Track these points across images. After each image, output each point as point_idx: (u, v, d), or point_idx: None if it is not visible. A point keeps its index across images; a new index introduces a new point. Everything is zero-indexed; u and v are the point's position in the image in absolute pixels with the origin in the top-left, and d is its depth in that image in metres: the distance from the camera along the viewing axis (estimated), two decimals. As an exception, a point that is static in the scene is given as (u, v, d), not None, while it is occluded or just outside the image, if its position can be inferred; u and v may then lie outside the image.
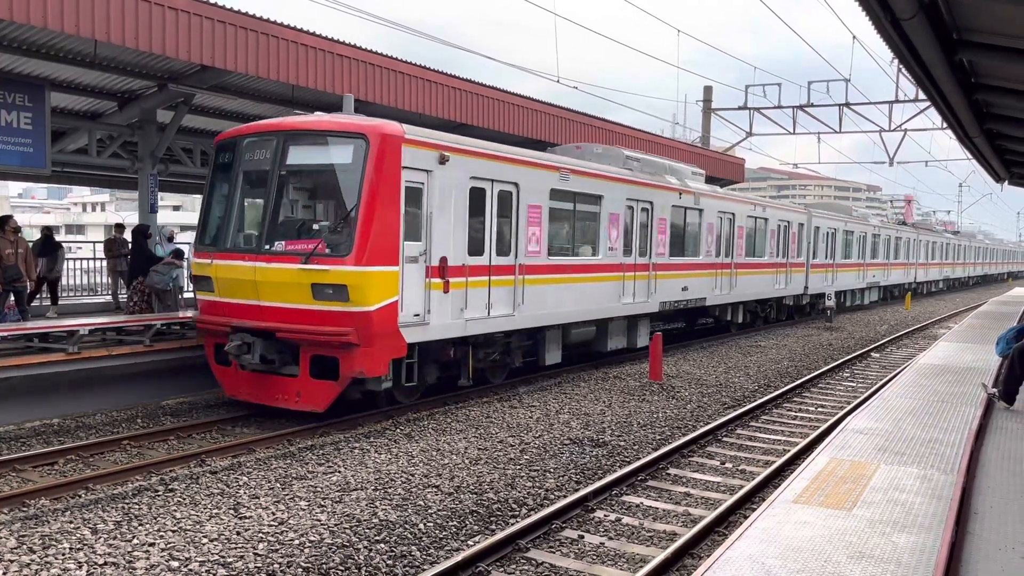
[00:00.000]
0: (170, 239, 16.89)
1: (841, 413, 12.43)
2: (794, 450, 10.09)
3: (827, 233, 29.15)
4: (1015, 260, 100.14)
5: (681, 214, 18.70)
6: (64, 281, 18.02)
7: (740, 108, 30.67)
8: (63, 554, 6.34)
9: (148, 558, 6.32)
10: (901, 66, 9.31)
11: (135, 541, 6.63)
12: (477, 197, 12.34)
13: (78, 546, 6.50)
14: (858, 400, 13.49)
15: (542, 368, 14.85)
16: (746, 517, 7.01)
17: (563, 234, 14.68)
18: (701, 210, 19.50)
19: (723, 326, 22.97)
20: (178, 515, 7.26)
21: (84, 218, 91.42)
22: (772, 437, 11.35)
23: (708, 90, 32.73)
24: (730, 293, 21.58)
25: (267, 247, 10.68)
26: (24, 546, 6.47)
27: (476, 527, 7.43)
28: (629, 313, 16.68)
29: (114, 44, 11.00)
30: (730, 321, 22.86)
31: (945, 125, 13.71)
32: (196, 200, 41.81)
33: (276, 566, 6.28)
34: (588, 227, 15.40)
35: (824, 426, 11.57)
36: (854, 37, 23.37)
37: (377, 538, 6.95)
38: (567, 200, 14.60)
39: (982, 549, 5.28)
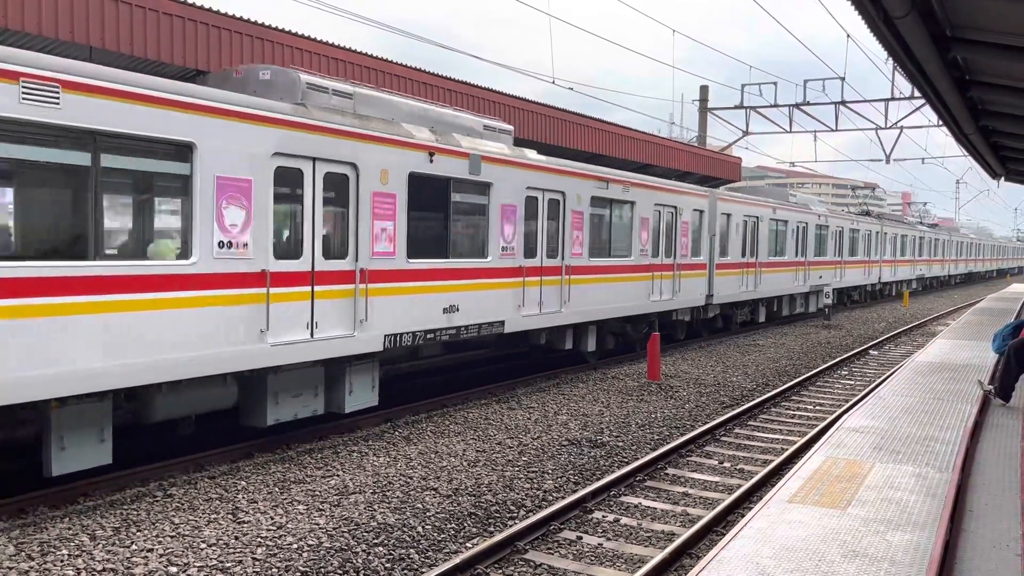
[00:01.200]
0: None
1: (838, 411, 12.46)
2: (791, 449, 10.11)
3: (742, 223, 22.03)
4: (1007, 256, 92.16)
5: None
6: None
7: (736, 107, 30.69)
8: (62, 560, 6.35)
9: (146, 564, 6.33)
10: (895, 64, 9.33)
11: (133, 547, 6.65)
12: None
13: (76, 553, 6.51)
14: (855, 398, 13.51)
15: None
16: (744, 516, 7.02)
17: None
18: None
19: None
20: (176, 520, 7.27)
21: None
22: (770, 436, 11.37)
23: (704, 89, 32.74)
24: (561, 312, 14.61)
25: None
26: (23, 553, 6.48)
27: (474, 529, 7.45)
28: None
29: (109, 51, 11.01)
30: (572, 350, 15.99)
31: (941, 122, 13.73)
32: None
33: (274, 571, 6.29)
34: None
35: (821, 425, 11.59)
36: (848, 35, 23.38)
37: (375, 541, 6.96)
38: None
39: (977, 547, 5.29)
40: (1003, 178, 23.52)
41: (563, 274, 14.30)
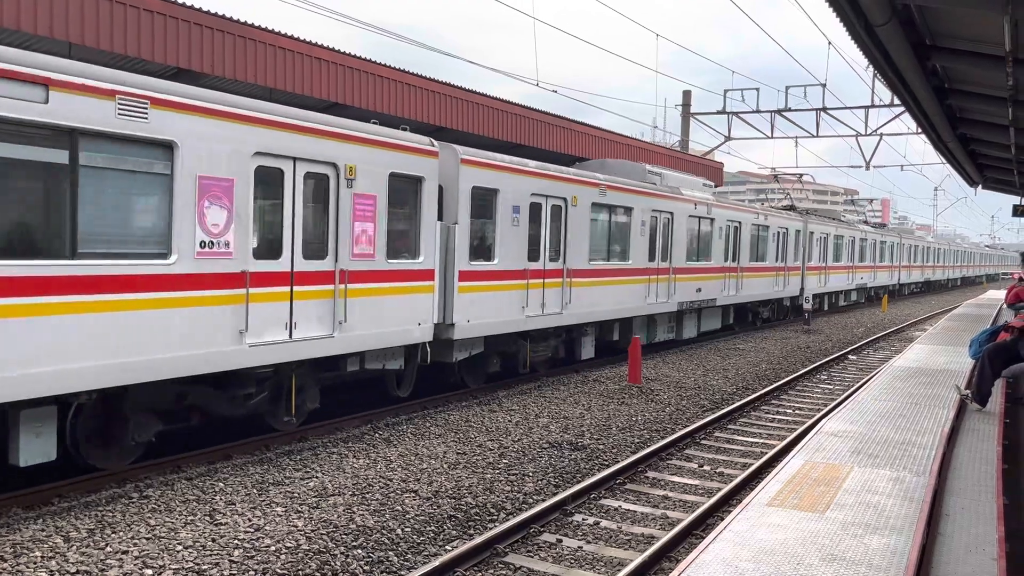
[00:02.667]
0: None
1: (817, 416, 12.54)
2: (771, 453, 10.16)
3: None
4: (972, 263, 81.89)
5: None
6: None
7: (719, 112, 30.86)
8: (35, 562, 6.26)
9: (121, 566, 6.26)
10: (876, 72, 9.42)
11: (108, 549, 6.57)
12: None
13: (50, 554, 6.42)
14: (834, 403, 13.61)
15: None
16: (723, 519, 7.05)
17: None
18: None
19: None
20: (152, 522, 7.19)
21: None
22: (750, 440, 11.43)
23: (687, 94, 32.91)
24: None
25: None
26: (-5, 555, 6.38)
27: (454, 532, 7.43)
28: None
29: (89, 47, 10.90)
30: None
31: (920, 130, 13.88)
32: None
33: (252, 573, 6.24)
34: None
35: (800, 429, 11.66)
36: (829, 43, 23.59)
37: (354, 544, 6.92)
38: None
39: (953, 550, 5.34)
40: (980, 186, 23.83)
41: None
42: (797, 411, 13.56)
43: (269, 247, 9.37)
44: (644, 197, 17.75)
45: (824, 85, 28.36)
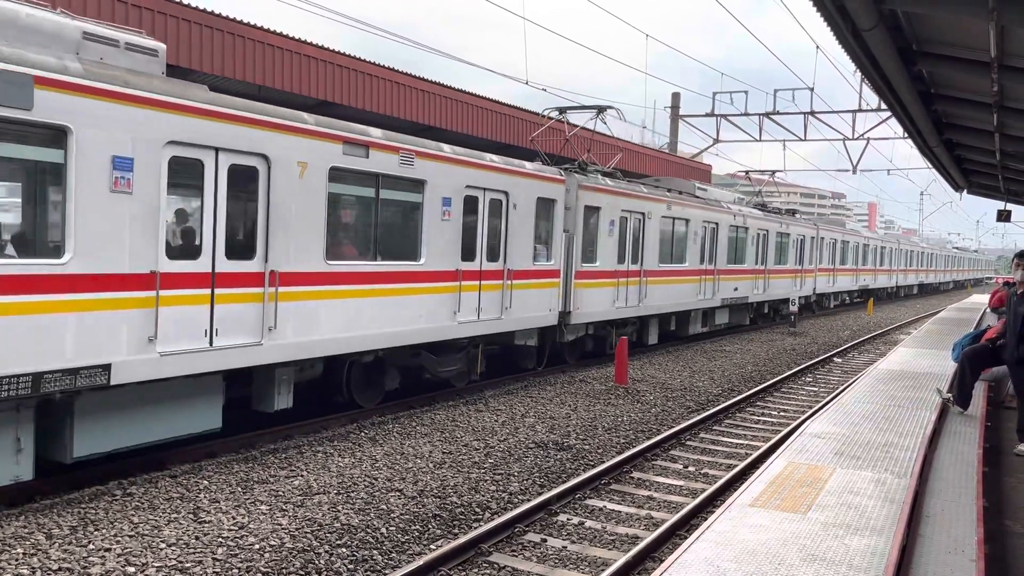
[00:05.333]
0: None
1: (801, 417, 12.60)
2: (755, 454, 10.21)
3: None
4: (937, 267, 67.98)
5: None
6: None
7: (707, 115, 30.98)
8: (16, 559, 6.22)
9: (103, 564, 6.23)
10: (863, 76, 9.48)
11: (91, 546, 6.53)
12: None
13: (32, 551, 6.39)
14: (818, 405, 13.68)
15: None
16: (706, 520, 7.08)
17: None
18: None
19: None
20: (135, 520, 7.16)
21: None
22: (734, 441, 11.48)
23: (676, 96, 33.02)
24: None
25: None
26: (-25, 552, 6.34)
27: (439, 531, 7.43)
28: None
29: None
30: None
31: (906, 134, 13.98)
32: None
33: (235, 571, 6.22)
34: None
35: (784, 431, 11.72)
36: (817, 47, 23.73)
37: (339, 542, 6.92)
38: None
39: (933, 552, 5.38)
40: (965, 190, 24.00)
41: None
42: (782, 413, 13.63)
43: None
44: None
45: (812, 89, 28.53)
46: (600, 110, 17.62)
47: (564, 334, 15.79)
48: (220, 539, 6.80)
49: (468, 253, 12.77)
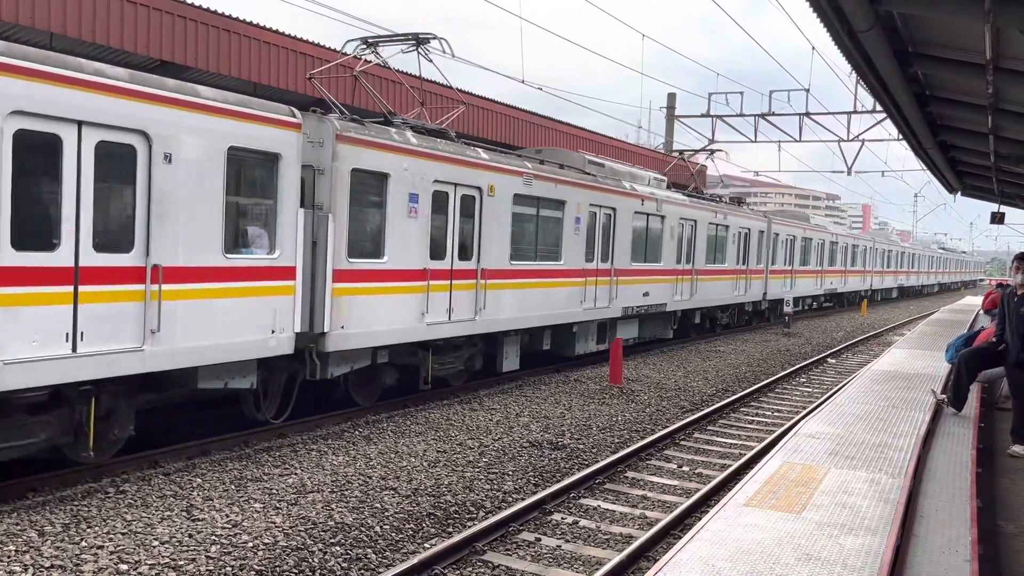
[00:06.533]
0: None
1: (796, 418, 12.63)
2: (749, 454, 10.22)
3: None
4: (923, 269, 62.49)
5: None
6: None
7: (703, 115, 31.01)
8: (8, 556, 6.19)
9: (96, 561, 6.20)
10: (858, 78, 9.50)
11: (83, 544, 6.51)
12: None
13: (24, 548, 6.36)
14: (812, 405, 13.71)
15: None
16: (701, 519, 7.09)
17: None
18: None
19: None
20: (128, 517, 7.14)
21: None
22: (728, 441, 11.49)
23: (672, 97, 33.05)
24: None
25: None
26: (-33, 549, 6.31)
27: (433, 529, 7.42)
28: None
29: (70, 37, 10.80)
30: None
31: (901, 136, 14.01)
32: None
33: (229, 569, 6.20)
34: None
35: (779, 431, 11.74)
36: (813, 48, 23.78)
37: (332, 541, 6.90)
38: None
39: (927, 551, 5.39)
40: (959, 192, 24.09)
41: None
42: (776, 413, 13.65)
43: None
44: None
45: (808, 90, 28.57)
46: (419, 42, 12.51)
47: (321, 367, 10.59)
48: (213, 537, 6.78)
49: (41, 233, 7.49)
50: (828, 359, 20.90)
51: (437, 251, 12.23)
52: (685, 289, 20.95)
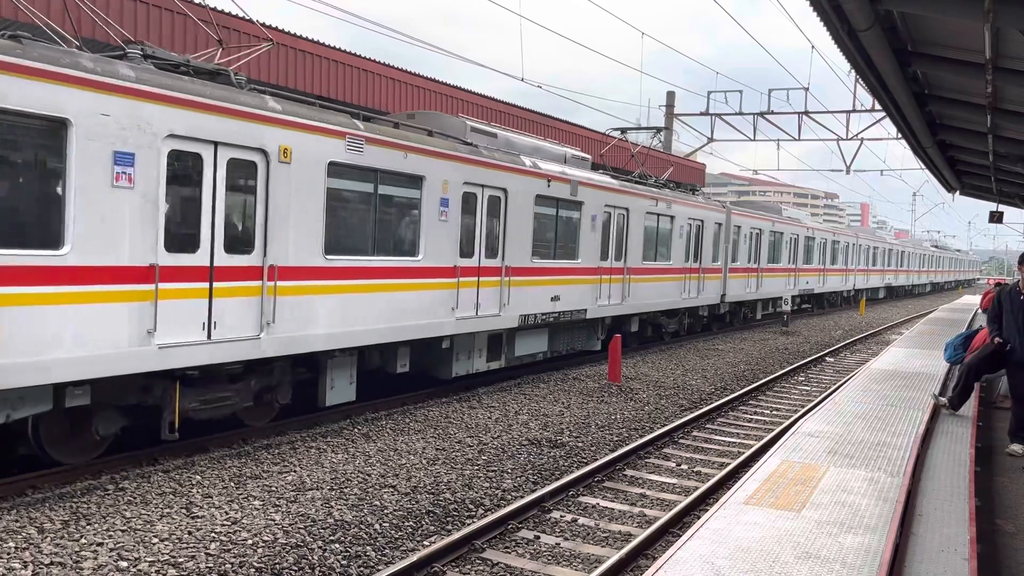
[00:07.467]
0: None
1: (795, 416, 12.64)
2: (748, 452, 10.23)
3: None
4: (913, 268, 58.05)
5: None
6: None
7: (702, 114, 31.01)
8: (8, 553, 6.20)
9: (96, 558, 6.21)
10: (858, 76, 9.50)
11: (83, 541, 6.51)
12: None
13: (24, 545, 6.36)
14: (811, 404, 13.73)
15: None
16: (700, 518, 7.10)
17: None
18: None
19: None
20: (128, 514, 7.14)
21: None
22: (727, 439, 11.51)
23: (671, 95, 33.04)
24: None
25: None
26: (-33, 546, 6.31)
27: (432, 527, 7.43)
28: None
29: (85, 38, 10.77)
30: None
31: (900, 135, 14.03)
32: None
33: (228, 566, 6.21)
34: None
35: (778, 429, 11.76)
36: (812, 47, 23.78)
37: (332, 538, 6.91)
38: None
39: (926, 550, 5.41)
40: (958, 192, 24.12)
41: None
42: (775, 411, 13.67)
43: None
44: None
45: (807, 89, 28.58)
46: None
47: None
48: (213, 534, 6.79)
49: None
50: (827, 358, 20.92)
51: (178, 241, 8.44)
52: (614, 291, 17.29)
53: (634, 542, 6.93)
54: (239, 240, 9.10)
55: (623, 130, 22.48)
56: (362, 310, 10.67)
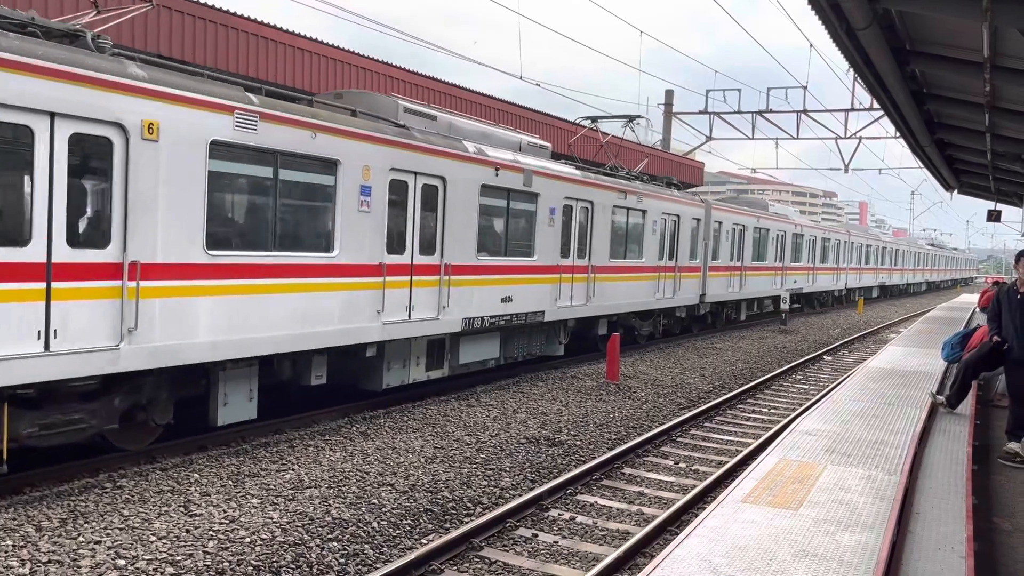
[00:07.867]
0: None
1: (792, 415, 12.65)
2: (746, 451, 10.24)
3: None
4: (908, 267, 57.03)
5: None
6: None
7: (701, 112, 31.02)
8: (5, 551, 6.19)
9: (93, 556, 6.21)
10: (856, 75, 9.51)
11: (80, 539, 6.51)
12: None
13: (21, 543, 6.36)
14: (809, 402, 13.74)
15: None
16: (698, 516, 7.11)
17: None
18: None
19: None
20: (126, 512, 7.14)
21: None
22: (725, 438, 11.52)
23: (669, 94, 33.06)
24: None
25: None
26: (-36, 544, 6.31)
27: (430, 525, 7.43)
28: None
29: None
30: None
31: (898, 134, 14.04)
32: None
33: (226, 564, 6.21)
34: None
35: (775, 427, 11.77)
36: (811, 45, 23.80)
37: (330, 536, 6.91)
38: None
39: (923, 548, 5.42)
40: (956, 190, 24.15)
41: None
42: (772, 410, 13.68)
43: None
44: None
45: (805, 88, 28.59)
46: None
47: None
48: (211, 532, 6.79)
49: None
50: (824, 356, 20.94)
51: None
52: (577, 291, 15.85)
53: (632, 540, 6.93)
54: (88, 232, 7.61)
55: (594, 119, 20.31)
56: (260, 314, 9.21)
